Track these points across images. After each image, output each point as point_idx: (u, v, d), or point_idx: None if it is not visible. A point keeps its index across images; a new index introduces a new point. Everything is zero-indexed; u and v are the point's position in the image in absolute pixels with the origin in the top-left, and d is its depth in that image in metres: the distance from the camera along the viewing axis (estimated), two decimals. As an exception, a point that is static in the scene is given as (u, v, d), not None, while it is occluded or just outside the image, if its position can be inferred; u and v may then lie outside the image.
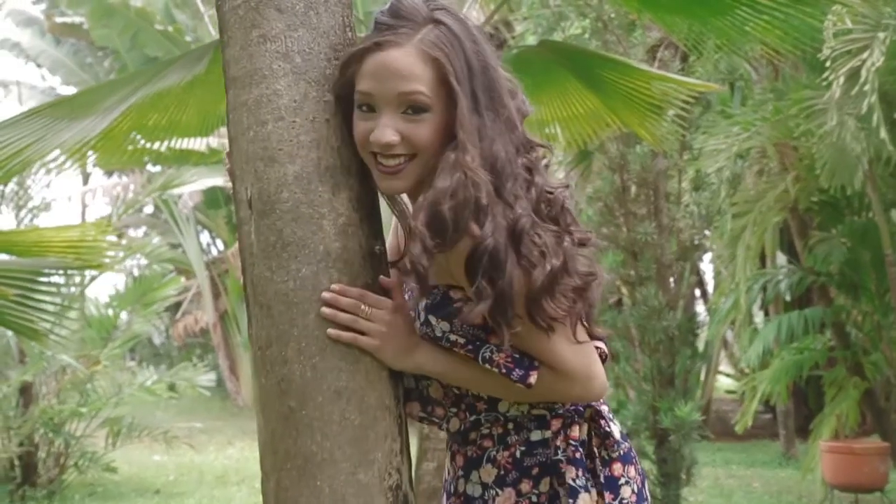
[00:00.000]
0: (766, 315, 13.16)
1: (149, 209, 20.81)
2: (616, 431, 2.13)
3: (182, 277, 17.78)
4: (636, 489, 2.12)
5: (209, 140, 7.04)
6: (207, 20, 15.40)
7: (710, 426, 11.70)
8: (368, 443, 1.95)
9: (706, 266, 14.54)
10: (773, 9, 4.95)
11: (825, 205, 9.07)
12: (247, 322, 2.01)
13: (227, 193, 16.74)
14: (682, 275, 7.63)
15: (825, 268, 8.81)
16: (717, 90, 8.20)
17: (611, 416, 2.14)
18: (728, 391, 16.04)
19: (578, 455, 2.05)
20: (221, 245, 20.29)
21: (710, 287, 15.25)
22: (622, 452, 2.11)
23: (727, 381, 16.57)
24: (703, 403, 12.50)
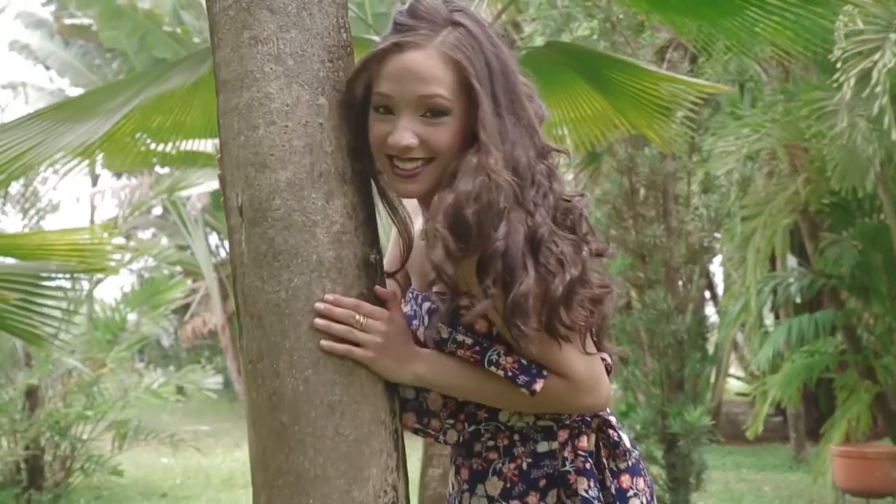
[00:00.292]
0: (777, 318, 13.12)
1: (157, 211, 20.82)
2: (626, 440, 2.09)
3: (190, 279, 17.86)
4: (645, 502, 2.08)
5: (216, 141, 7.00)
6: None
7: (721, 429, 11.66)
8: (363, 459, 1.89)
9: (716, 268, 14.50)
10: (784, 9, 4.94)
11: (836, 207, 9.01)
12: (238, 333, 1.95)
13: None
14: (691, 278, 7.61)
15: (836, 270, 8.76)
16: (727, 91, 8.18)
17: (620, 425, 2.10)
18: (738, 394, 16.01)
19: (589, 466, 2.01)
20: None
21: (720, 289, 15.21)
22: (631, 463, 2.07)
23: (737, 384, 16.54)
24: (713, 406, 12.44)
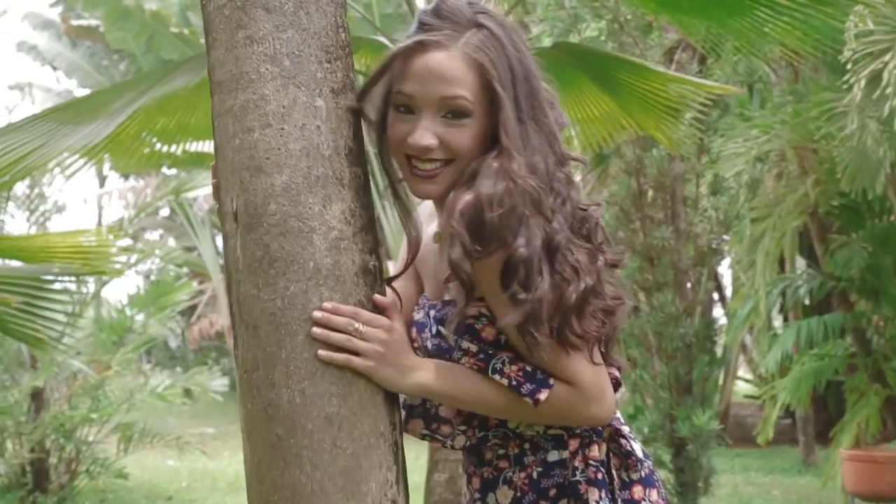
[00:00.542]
0: (785, 320, 13.07)
1: (165, 212, 20.82)
2: (638, 450, 2.04)
3: (196, 281, 17.83)
4: None
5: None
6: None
7: (729, 432, 11.61)
8: (361, 473, 1.83)
9: (723, 270, 14.45)
10: (794, 10, 4.92)
11: (845, 209, 8.96)
12: (233, 343, 1.90)
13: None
14: (700, 280, 7.57)
15: (846, 273, 8.70)
16: (736, 93, 8.14)
17: (632, 435, 2.05)
18: (746, 396, 15.96)
19: (601, 476, 1.96)
20: (237, 248, 20.22)
21: (728, 291, 15.16)
22: (644, 474, 2.02)
23: (745, 386, 16.48)
24: (722, 409, 12.40)
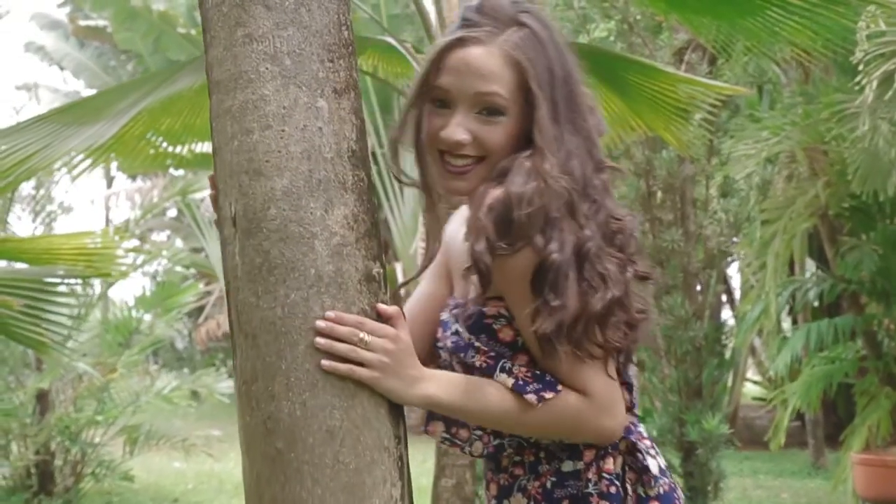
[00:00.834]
0: (794, 323, 13.02)
1: (172, 213, 20.82)
2: (654, 466, 1.96)
3: (204, 282, 17.81)
4: None
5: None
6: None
7: (737, 434, 11.53)
8: (365, 489, 1.76)
9: (731, 272, 14.40)
10: (805, 10, 4.88)
11: (856, 211, 8.91)
12: (232, 353, 1.84)
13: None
14: (709, 283, 7.52)
15: (856, 275, 8.67)
16: (745, 94, 8.09)
17: (653, 451, 1.99)
18: (755, 398, 15.91)
19: (614, 490, 1.90)
20: (244, 249, 20.23)
21: (736, 294, 15.11)
22: (662, 491, 1.96)
23: (754, 389, 16.44)
24: (730, 411, 12.35)
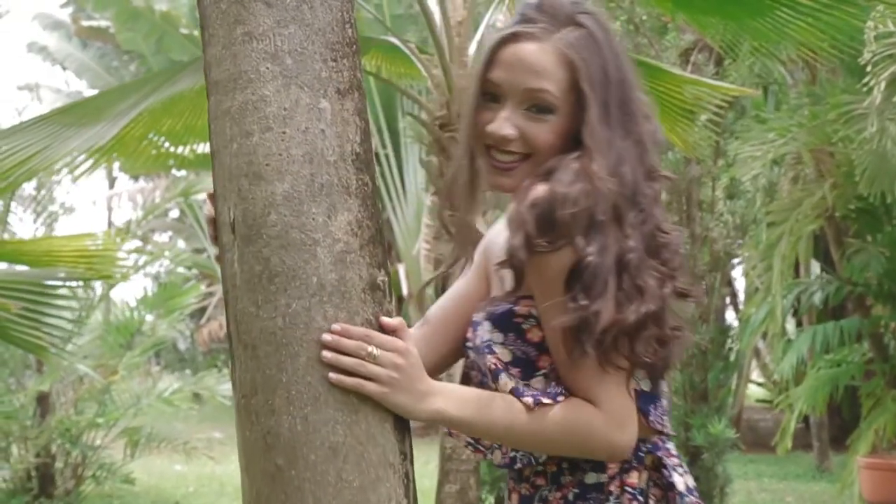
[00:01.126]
0: (799, 325, 12.98)
1: (174, 214, 20.79)
2: (680, 484, 1.89)
3: (206, 283, 17.76)
4: None
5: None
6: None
7: (742, 437, 11.47)
8: (369, 508, 1.70)
9: (735, 274, 14.36)
10: (814, 10, 4.84)
11: (862, 213, 8.88)
12: (230, 365, 1.77)
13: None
14: (714, 286, 7.48)
15: (862, 277, 8.64)
16: (752, 94, 8.04)
17: (682, 469, 1.91)
18: (759, 400, 15.88)
19: None
20: (246, 250, 20.23)
21: (740, 296, 15.09)
22: None
23: (758, 391, 16.42)
24: (735, 414, 12.31)
